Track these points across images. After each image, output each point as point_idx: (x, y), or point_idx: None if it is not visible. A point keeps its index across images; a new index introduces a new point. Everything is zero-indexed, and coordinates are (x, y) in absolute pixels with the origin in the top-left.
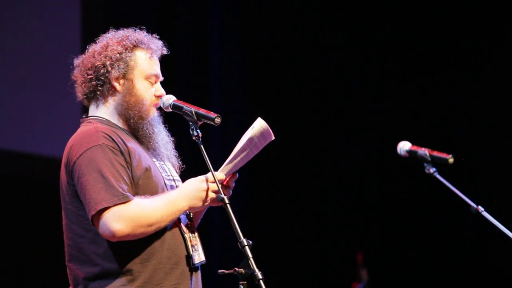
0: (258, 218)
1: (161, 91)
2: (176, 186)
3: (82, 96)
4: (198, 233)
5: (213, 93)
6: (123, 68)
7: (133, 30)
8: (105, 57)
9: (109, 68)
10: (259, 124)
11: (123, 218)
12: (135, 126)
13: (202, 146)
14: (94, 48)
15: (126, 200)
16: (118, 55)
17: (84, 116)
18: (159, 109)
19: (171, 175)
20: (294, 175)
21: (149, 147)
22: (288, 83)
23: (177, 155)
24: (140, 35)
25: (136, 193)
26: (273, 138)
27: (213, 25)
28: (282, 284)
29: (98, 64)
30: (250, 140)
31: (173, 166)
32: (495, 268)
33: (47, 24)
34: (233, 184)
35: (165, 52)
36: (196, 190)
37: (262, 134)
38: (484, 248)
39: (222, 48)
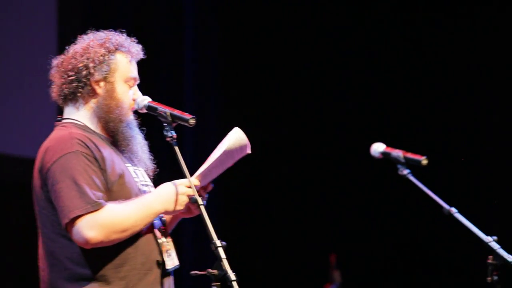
0: (231, 220)
1: (139, 94)
2: (149, 192)
3: (58, 97)
4: (172, 238)
5: (188, 94)
6: (105, 71)
7: (113, 32)
8: (87, 59)
9: (92, 71)
10: (237, 135)
11: (96, 225)
12: (114, 129)
13: (176, 147)
14: (74, 49)
15: (99, 207)
16: (101, 57)
17: (59, 118)
18: (134, 111)
19: (144, 180)
20: (267, 177)
21: (126, 150)
22: (264, 86)
23: (152, 158)
24: (121, 38)
25: (110, 199)
26: (249, 152)
27: (188, 25)
28: (255, 285)
29: (80, 66)
30: (228, 152)
31: (147, 170)
32: (468, 270)
33: (23, 24)
34: (207, 196)
35: (143, 56)
36: (171, 194)
37: (241, 146)
38: (457, 249)
39: (197, 49)
